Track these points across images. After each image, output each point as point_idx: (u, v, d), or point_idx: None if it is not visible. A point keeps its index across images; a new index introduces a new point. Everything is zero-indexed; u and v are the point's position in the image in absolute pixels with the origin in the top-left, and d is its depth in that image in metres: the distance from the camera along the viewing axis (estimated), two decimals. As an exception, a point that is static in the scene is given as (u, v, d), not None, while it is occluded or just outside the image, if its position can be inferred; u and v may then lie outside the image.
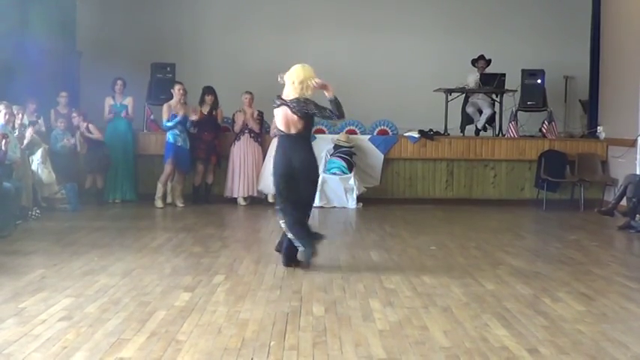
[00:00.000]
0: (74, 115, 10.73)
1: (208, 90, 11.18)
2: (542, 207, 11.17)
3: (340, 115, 6.50)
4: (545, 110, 12.19)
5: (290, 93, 6.45)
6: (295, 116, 6.39)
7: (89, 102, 11.11)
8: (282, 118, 6.47)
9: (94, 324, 4.63)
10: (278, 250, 6.75)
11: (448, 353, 4.18)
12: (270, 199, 11.02)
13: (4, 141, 8.16)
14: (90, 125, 10.65)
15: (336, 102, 6.43)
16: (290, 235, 6.40)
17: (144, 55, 12.49)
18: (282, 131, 6.51)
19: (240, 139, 11.22)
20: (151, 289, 5.60)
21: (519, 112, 12.09)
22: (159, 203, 10.74)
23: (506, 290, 5.74)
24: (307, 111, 6.39)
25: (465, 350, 4.24)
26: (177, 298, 5.35)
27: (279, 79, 6.57)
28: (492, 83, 11.93)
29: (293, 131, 6.44)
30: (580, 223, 9.83)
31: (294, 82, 6.42)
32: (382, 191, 11.64)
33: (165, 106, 10.89)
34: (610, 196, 10.79)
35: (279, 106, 6.48)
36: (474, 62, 12.39)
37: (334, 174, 11.04)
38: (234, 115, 11.28)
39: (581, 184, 11.29)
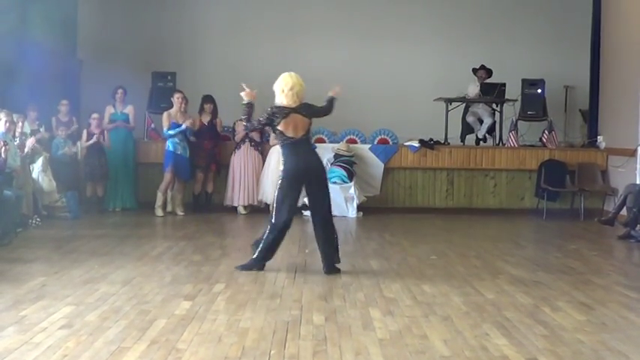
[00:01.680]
0: (94, 117, 10.84)
1: (207, 99, 11.21)
2: (543, 216, 11.17)
3: (329, 110, 6.90)
4: (546, 120, 12.20)
5: (285, 100, 6.58)
6: (307, 120, 6.64)
7: (90, 110, 11.11)
8: (292, 124, 6.58)
9: (95, 332, 4.63)
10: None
11: (448, 362, 4.19)
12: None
13: (3, 148, 8.17)
14: (105, 132, 10.85)
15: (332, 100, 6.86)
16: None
17: (145, 63, 12.51)
18: (291, 138, 6.59)
19: (240, 147, 11.21)
20: (151, 298, 5.60)
21: (519, 122, 12.09)
22: (159, 212, 10.74)
23: (506, 299, 5.74)
24: (314, 113, 6.74)
25: (465, 359, 4.24)
26: (178, 306, 5.35)
27: (244, 86, 6.88)
28: (493, 93, 11.94)
29: (301, 134, 6.64)
30: (580, 233, 9.83)
31: (283, 89, 6.57)
32: (382, 200, 11.64)
33: (165, 115, 10.89)
34: (610, 206, 10.79)
35: (287, 114, 6.54)
36: (474, 71, 12.41)
37: (334, 183, 11.00)
38: (234, 123, 11.27)
39: (581, 193, 11.30)
